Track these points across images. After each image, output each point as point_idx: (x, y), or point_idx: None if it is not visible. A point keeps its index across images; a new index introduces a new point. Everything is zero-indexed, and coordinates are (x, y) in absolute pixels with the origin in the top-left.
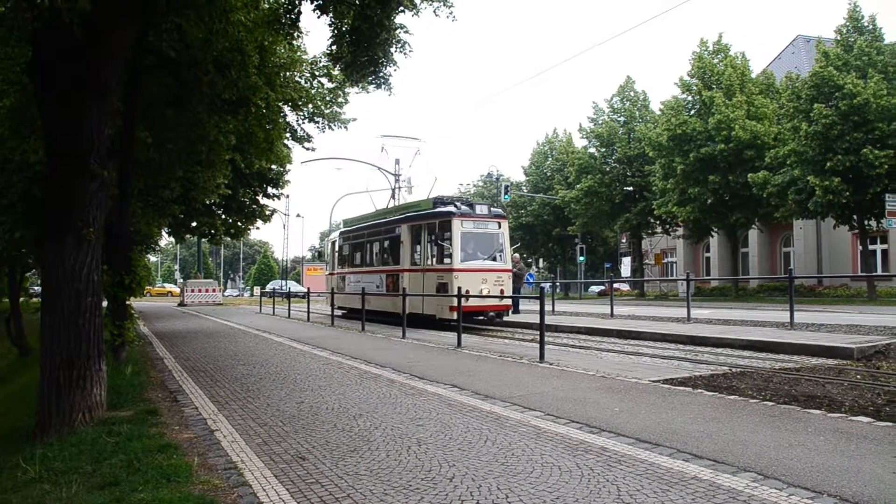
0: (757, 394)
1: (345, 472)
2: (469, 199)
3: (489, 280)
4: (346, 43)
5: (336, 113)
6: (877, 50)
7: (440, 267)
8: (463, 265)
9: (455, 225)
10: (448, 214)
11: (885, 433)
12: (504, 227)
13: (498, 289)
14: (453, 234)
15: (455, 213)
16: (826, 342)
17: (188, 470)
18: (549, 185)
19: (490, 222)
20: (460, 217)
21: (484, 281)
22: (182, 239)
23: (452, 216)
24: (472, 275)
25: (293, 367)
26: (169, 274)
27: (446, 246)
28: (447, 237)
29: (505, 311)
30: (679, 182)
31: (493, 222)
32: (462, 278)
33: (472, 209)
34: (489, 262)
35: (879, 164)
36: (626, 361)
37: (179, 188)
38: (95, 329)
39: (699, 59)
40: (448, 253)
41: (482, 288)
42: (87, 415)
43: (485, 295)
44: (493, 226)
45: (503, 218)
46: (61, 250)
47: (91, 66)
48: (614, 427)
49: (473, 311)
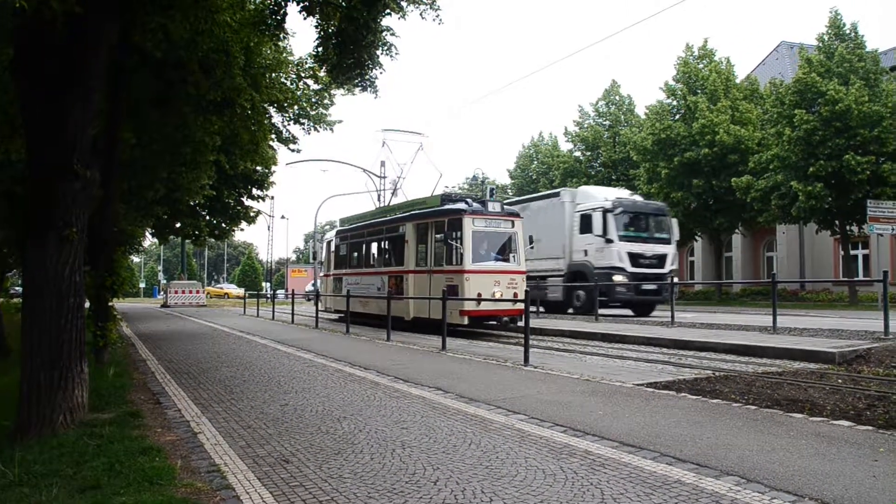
0: (740, 397)
1: (328, 474)
2: (481, 196)
3: (502, 282)
4: (332, 45)
5: (322, 115)
6: (858, 57)
7: (449, 268)
8: (474, 266)
9: (466, 223)
10: (458, 212)
11: (865, 437)
12: (518, 225)
13: (511, 292)
14: (464, 232)
15: (466, 211)
16: (808, 346)
17: (171, 473)
18: (534, 189)
19: (503, 221)
20: (471, 215)
21: (497, 283)
22: (166, 240)
23: (463, 214)
24: (485, 276)
25: (277, 369)
26: (152, 275)
27: (456, 246)
28: (457, 236)
29: (518, 316)
30: (663, 186)
31: (506, 221)
32: (473, 280)
33: (485, 206)
34: (502, 263)
35: (861, 169)
36: (611, 365)
37: (163, 189)
38: (77, 330)
39: (684, 63)
40: (458, 253)
41: (495, 291)
42: (69, 417)
43: (498, 298)
44: (507, 224)
45: (517, 216)
46: (43, 250)
47: (75, 65)
48: (598, 430)
49: (485, 315)
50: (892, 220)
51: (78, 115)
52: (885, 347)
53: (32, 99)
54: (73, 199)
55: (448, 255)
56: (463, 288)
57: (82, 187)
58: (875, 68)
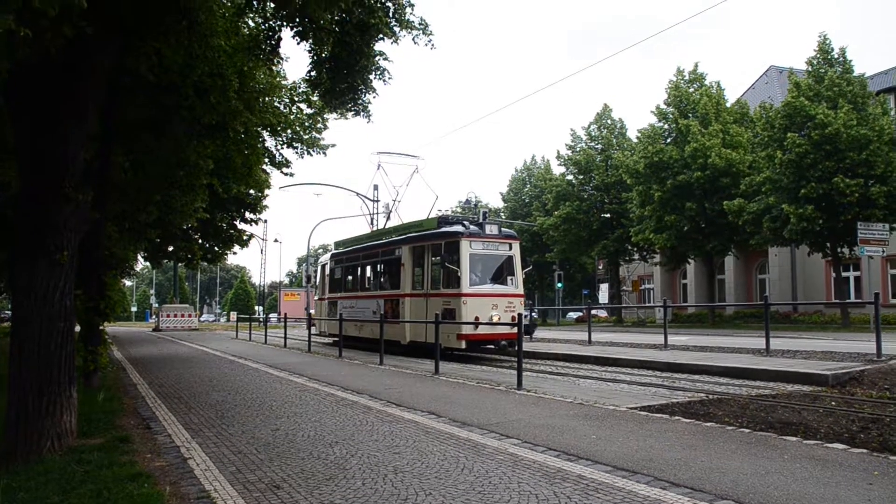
0: (734, 420)
1: (320, 500)
2: (475, 219)
3: (500, 306)
4: (326, 69)
5: (315, 139)
6: (846, 81)
7: (447, 292)
8: (472, 289)
9: (463, 246)
10: (455, 234)
11: (859, 460)
12: (516, 248)
13: (509, 315)
14: (461, 255)
15: (463, 234)
16: (801, 369)
17: (160, 499)
18: (527, 212)
19: (501, 243)
20: (469, 237)
21: (495, 307)
22: (158, 263)
23: (460, 236)
24: (482, 300)
25: (269, 393)
26: (144, 299)
27: (453, 269)
28: (455, 259)
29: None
30: (656, 209)
31: (504, 243)
32: (471, 304)
33: (482, 229)
34: (500, 286)
35: (850, 192)
36: (604, 388)
37: (156, 212)
38: (67, 354)
39: (675, 87)
40: (455, 276)
41: (492, 314)
42: (57, 442)
43: (496, 322)
44: (505, 247)
45: (515, 239)
46: (33, 274)
47: (68, 90)
48: (592, 454)
49: (484, 339)
50: (882, 241)
51: (71, 139)
52: (877, 369)
53: (25, 122)
54: (64, 222)
55: (445, 278)
56: (460, 311)
57: (74, 210)
58: (863, 92)
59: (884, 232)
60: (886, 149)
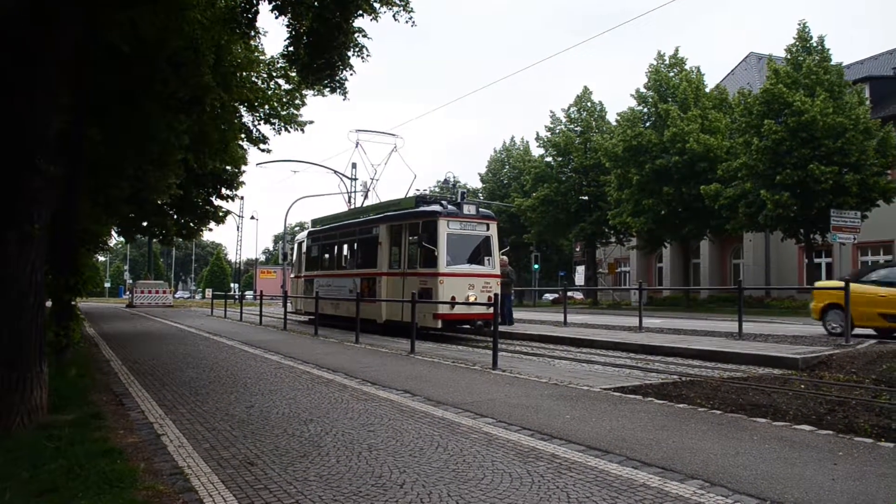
0: (705, 402)
1: (294, 477)
2: (454, 199)
3: (476, 286)
4: (304, 45)
5: (293, 115)
6: (824, 70)
7: (423, 271)
8: (449, 269)
9: (441, 226)
10: (433, 214)
11: (825, 441)
12: (493, 228)
13: (486, 295)
14: (439, 235)
15: (441, 213)
16: (773, 352)
17: (132, 475)
18: (505, 193)
19: (479, 223)
20: (447, 217)
21: (471, 287)
22: (132, 239)
23: (438, 216)
24: (459, 280)
25: (244, 370)
26: (118, 274)
27: (430, 248)
28: (432, 239)
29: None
30: (634, 193)
31: (481, 224)
32: (448, 283)
33: (460, 209)
34: (477, 266)
35: (825, 179)
36: (579, 369)
37: (129, 187)
38: (37, 330)
39: (656, 71)
40: (433, 256)
41: (469, 294)
42: (26, 418)
43: (472, 302)
44: (482, 227)
45: (493, 219)
46: (3, 249)
47: (37, 58)
48: (565, 434)
49: (459, 318)
50: (854, 229)
51: (41, 111)
52: (845, 354)
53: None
54: (35, 196)
55: (422, 257)
56: (437, 291)
57: (45, 184)
58: (839, 81)
59: (856, 219)
60: (861, 137)
